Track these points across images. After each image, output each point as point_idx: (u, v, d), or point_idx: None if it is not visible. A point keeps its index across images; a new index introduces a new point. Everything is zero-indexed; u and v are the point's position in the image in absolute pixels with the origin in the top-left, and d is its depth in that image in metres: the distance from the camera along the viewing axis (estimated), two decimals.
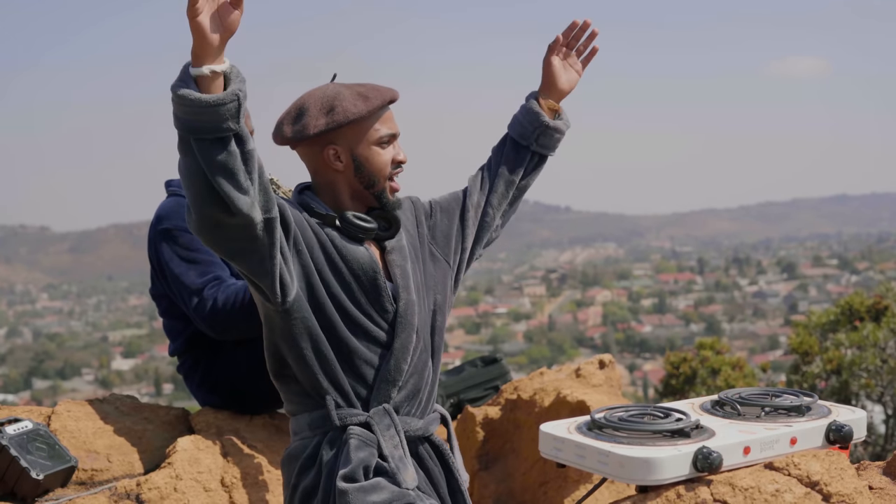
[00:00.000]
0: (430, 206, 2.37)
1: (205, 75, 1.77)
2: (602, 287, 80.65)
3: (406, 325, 2.11)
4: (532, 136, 2.44)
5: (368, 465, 2.01)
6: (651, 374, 40.65)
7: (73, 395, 41.05)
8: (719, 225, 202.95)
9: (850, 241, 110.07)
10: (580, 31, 2.49)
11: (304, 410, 2.10)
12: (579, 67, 2.51)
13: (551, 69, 2.46)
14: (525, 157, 2.45)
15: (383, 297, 2.10)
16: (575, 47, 2.50)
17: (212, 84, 1.78)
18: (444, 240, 2.32)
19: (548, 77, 2.47)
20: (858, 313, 7.22)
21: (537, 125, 2.43)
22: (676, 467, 1.83)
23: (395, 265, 2.16)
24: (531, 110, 2.44)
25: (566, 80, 2.48)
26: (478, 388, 3.41)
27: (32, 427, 2.48)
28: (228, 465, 2.69)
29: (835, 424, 2.02)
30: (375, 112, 2.10)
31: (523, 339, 62.28)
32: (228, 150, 1.79)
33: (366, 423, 2.06)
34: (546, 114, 2.45)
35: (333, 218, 2.10)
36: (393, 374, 2.08)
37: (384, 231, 2.16)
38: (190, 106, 1.76)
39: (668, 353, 8.04)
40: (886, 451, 6.98)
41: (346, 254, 2.09)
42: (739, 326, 63.13)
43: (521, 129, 2.44)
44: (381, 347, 2.10)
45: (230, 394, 2.90)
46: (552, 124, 2.44)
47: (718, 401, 2.18)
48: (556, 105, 2.47)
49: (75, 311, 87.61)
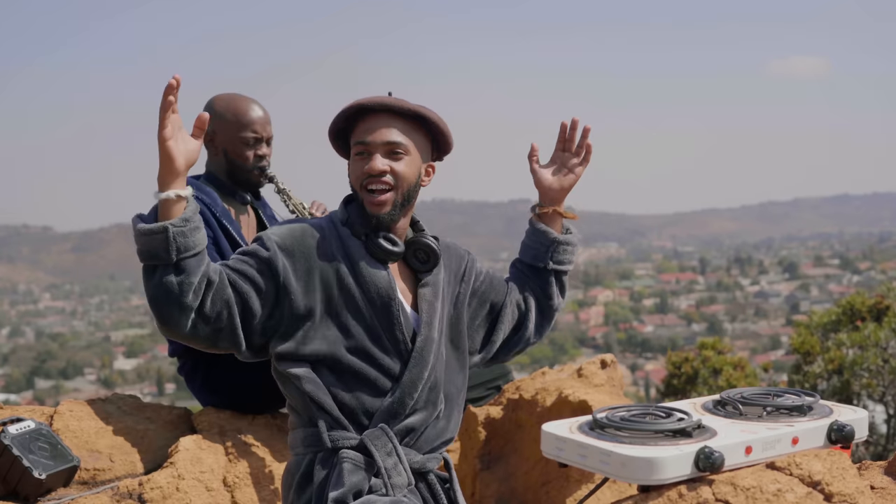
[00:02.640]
0: (484, 273, 2.31)
1: (170, 199, 1.89)
2: (604, 287, 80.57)
3: (420, 361, 2.06)
4: (546, 256, 2.37)
5: (361, 489, 1.97)
6: (653, 373, 40.62)
7: (76, 394, 41.04)
8: (721, 225, 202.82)
9: (852, 241, 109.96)
10: (572, 132, 2.36)
11: (300, 425, 2.08)
12: (578, 170, 2.37)
13: (539, 179, 2.37)
14: (547, 277, 2.38)
15: (395, 326, 2.05)
16: (573, 148, 2.36)
17: (173, 208, 1.90)
18: (477, 307, 2.28)
19: (541, 187, 2.37)
20: (860, 313, 7.21)
21: (548, 243, 2.36)
22: (678, 467, 1.83)
23: (424, 299, 2.12)
24: (537, 230, 2.38)
25: (559, 186, 2.36)
26: (480, 387, 3.40)
27: (35, 427, 2.49)
28: (231, 464, 2.69)
29: (836, 424, 2.02)
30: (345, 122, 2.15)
31: None
32: (162, 280, 1.89)
33: (359, 444, 2.01)
34: (553, 227, 2.38)
35: (361, 231, 2.08)
36: (396, 408, 2.04)
37: (422, 263, 2.14)
38: (133, 233, 1.91)
39: (669, 353, 8.02)
40: (888, 451, 6.97)
41: (364, 275, 2.05)
42: (741, 326, 63.08)
43: (534, 252, 2.38)
44: (388, 377, 2.05)
45: (231, 395, 2.90)
46: (562, 239, 2.37)
47: (720, 400, 2.18)
48: (550, 208, 2.38)
49: (78, 310, 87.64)
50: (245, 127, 2.93)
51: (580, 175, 2.38)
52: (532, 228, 2.40)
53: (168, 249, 1.87)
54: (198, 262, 1.91)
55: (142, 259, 1.91)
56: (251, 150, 2.94)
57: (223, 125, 2.93)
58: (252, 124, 2.93)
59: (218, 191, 2.95)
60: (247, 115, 2.94)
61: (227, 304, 1.96)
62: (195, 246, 1.90)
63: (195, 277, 1.90)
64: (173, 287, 1.88)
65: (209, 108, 2.95)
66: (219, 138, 2.94)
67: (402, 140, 2.07)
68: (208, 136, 2.94)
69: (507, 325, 2.31)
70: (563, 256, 2.38)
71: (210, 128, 2.92)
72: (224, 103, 2.95)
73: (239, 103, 2.96)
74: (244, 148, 2.93)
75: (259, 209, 3.11)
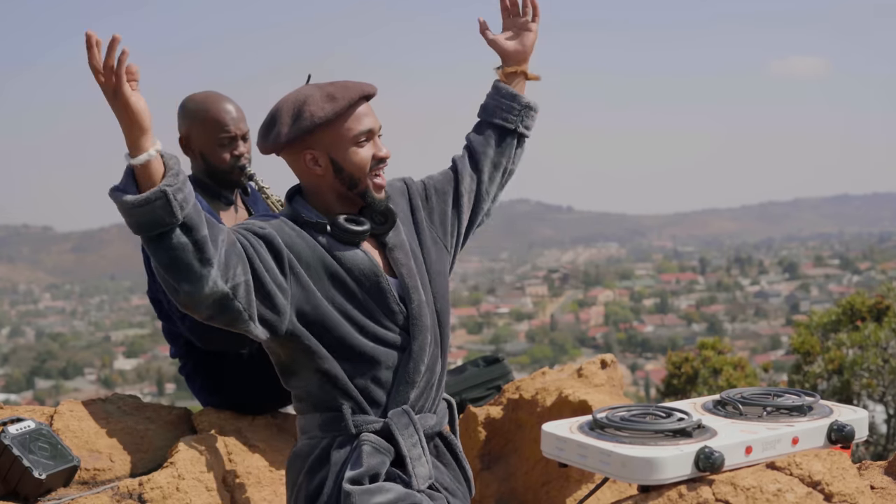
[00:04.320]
0: (425, 187, 2.31)
1: (153, 158, 1.76)
2: (604, 287, 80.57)
3: (421, 327, 2.09)
4: (517, 119, 2.39)
5: (378, 472, 1.99)
6: (653, 373, 40.63)
7: (76, 394, 41.04)
8: (721, 225, 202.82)
9: (852, 241, 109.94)
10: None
11: (315, 410, 2.07)
12: (533, 26, 2.43)
13: (499, 45, 2.42)
14: (513, 141, 2.40)
15: (389, 300, 2.07)
16: (518, 12, 2.43)
17: (153, 166, 1.76)
18: (441, 223, 2.28)
19: (502, 52, 2.43)
20: (860, 313, 7.21)
21: (521, 107, 2.39)
22: (678, 467, 1.83)
23: (400, 264, 2.12)
24: (510, 93, 2.40)
25: (522, 46, 2.43)
26: (480, 387, 3.40)
27: (35, 427, 2.49)
28: (231, 464, 2.69)
29: (836, 424, 2.02)
30: (345, 112, 2.03)
31: (525, 339, 62.24)
32: (173, 243, 1.77)
33: (383, 428, 2.04)
34: (519, 90, 2.41)
35: (324, 225, 2.06)
36: (412, 376, 2.07)
37: (380, 226, 2.12)
38: (123, 209, 1.77)
39: (669, 353, 8.03)
40: (888, 451, 6.98)
41: (345, 261, 2.05)
42: (741, 326, 63.07)
43: (504, 113, 2.39)
44: (396, 350, 2.08)
45: (232, 396, 2.90)
46: (533, 104, 2.41)
47: (720, 400, 2.18)
48: (518, 68, 2.42)
49: (78, 310, 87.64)
50: (218, 128, 2.86)
51: (536, 31, 2.44)
52: (502, 90, 2.41)
53: (172, 212, 1.76)
54: (198, 213, 1.81)
55: (142, 231, 1.78)
56: (227, 150, 2.88)
57: (196, 128, 2.88)
58: (224, 125, 2.87)
59: (202, 193, 2.89)
60: (218, 115, 2.87)
61: (241, 259, 1.89)
62: (190, 196, 1.81)
63: (203, 229, 1.80)
64: (188, 246, 1.78)
65: (182, 110, 2.91)
66: (194, 142, 2.89)
67: None
68: (183, 141, 2.91)
69: (466, 213, 2.33)
70: (530, 122, 2.43)
71: (184, 131, 2.90)
72: (194, 105, 2.90)
73: (209, 104, 2.89)
74: (220, 150, 2.87)
75: (250, 206, 3.08)
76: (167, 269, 1.79)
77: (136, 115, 1.74)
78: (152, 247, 1.79)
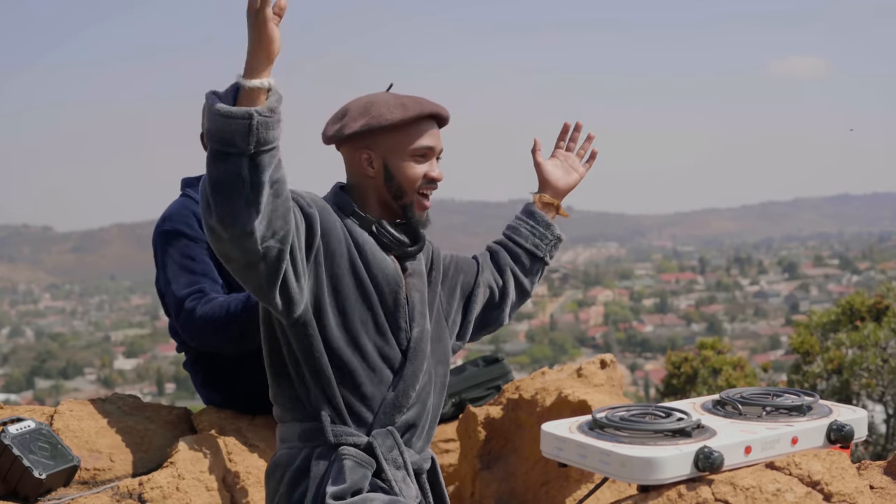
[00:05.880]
0: (451, 258, 2.33)
1: (262, 88, 1.72)
2: (604, 287, 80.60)
3: (419, 353, 2.08)
4: (547, 249, 2.45)
5: (361, 488, 1.96)
6: (652, 373, 40.64)
7: (76, 394, 41.05)
8: (721, 224, 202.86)
9: (852, 241, 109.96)
10: (575, 133, 2.50)
11: (295, 419, 2.05)
12: (582, 170, 2.51)
13: (544, 172, 2.48)
14: (540, 267, 2.47)
15: (400, 315, 2.07)
16: (575, 150, 2.50)
17: (258, 98, 1.73)
18: (449, 296, 2.28)
19: (543, 179, 2.48)
20: (859, 313, 7.22)
21: (553, 238, 2.46)
22: (678, 467, 1.83)
23: (414, 289, 2.12)
24: (545, 222, 2.45)
25: (565, 183, 2.49)
26: (479, 387, 3.41)
27: (35, 426, 2.49)
28: (230, 464, 2.69)
29: (836, 424, 2.02)
30: (411, 122, 2.06)
31: (525, 339, 62.25)
32: (232, 169, 1.72)
33: (366, 445, 2.01)
34: (550, 215, 2.47)
35: (371, 222, 2.08)
36: (401, 399, 2.05)
37: (411, 246, 2.13)
38: (209, 113, 1.73)
39: (669, 353, 8.04)
40: (887, 451, 6.98)
41: (374, 265, 2.05)
42: (741, 326, 63.11)
43: (536, 240, 2.44)
44: (391, 369, 2.06)
45: (233, 393, 2.90)
46: (562, 237, 2.47)
47: (720, 400, 2.18)
48: (556, 201, 2.48)
49: (78, 310, 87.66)
50: None
51: (584, 176, 2.51)
52: (538, 218, 2.46)
53: (248, 139, 1.70)
54: (271, 158, 1.75)
55: (213, 142, 1.72)
56: None
57: None
58: None
59: None
60: None
61: (287, 228, 1.83)
62: (274, 140, 1.75)
63: (266, 174, 1.74)
64: (245, 180, 1.72)
65: None
66: None
67: None
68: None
69: (478, 304, 2.34)
70: (555, 252, 2.48)
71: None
72: None
73: None
74: None
75: None
76: (215, 187, 1.74)
77: (267, 42, 1.71)
78: (214, 161, 1.74)
